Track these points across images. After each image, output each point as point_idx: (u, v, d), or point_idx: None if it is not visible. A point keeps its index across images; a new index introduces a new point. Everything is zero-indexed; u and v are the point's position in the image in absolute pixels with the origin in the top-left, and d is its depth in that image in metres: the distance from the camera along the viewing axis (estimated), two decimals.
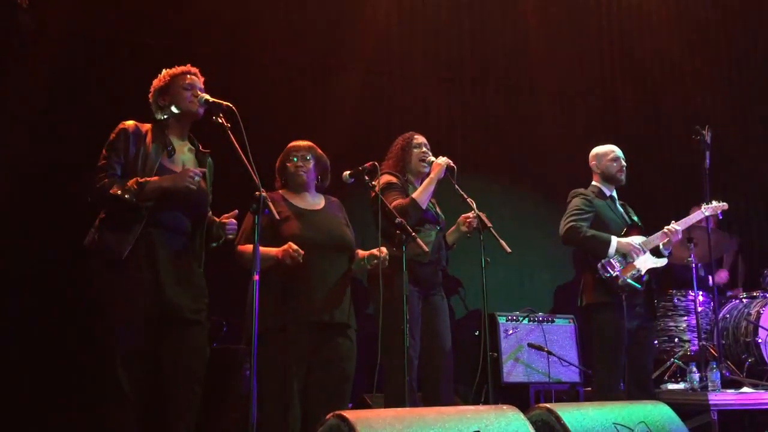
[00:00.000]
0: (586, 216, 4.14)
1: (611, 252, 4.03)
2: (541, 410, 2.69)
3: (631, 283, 4.00)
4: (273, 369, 3.13)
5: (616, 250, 4.04)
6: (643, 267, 4.07)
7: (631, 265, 4.05)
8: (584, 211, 4.16)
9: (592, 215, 4.16)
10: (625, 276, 4.01)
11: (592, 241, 4.06)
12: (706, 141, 4.67)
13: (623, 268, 4.04)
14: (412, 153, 3.94)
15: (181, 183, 2.92)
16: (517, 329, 5.52)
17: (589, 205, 4.19)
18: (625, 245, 4.05)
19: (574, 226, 4.09)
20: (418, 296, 3.74)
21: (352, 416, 2.07)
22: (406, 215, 3.52)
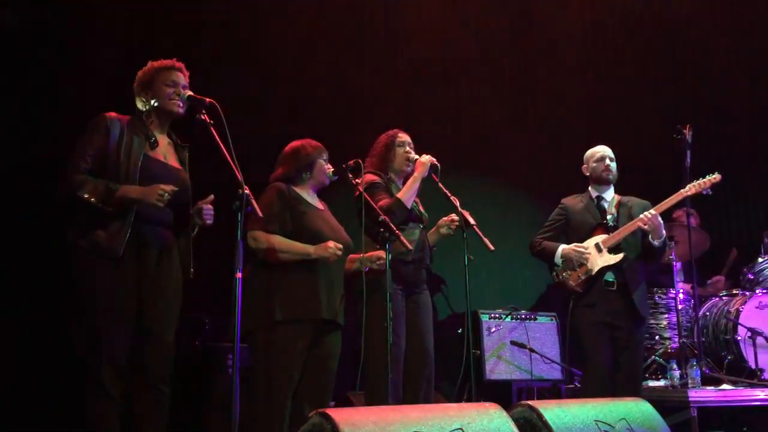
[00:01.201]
0: (553, 226, 4.38)
1: (557, 260, 4.22)
2: (523, 408, 2.70)
3: (576, 288, 4.12)
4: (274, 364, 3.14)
5: (561, 257, 4.20)
6: (595, 266, 4.10)
7: (584, 267, 4.13)
8: (551, 223, 4.41)
9: (562, 223, 4.36)
10: (573, 280, 4.13)
11: (543, 254, 4.33)
12: (687, 140, 4.71)
13: (573, 273, 4.15)
14: (396, 151, 3.93)
15: (149, 198, 2.86)
16: (500, 327, 5.54)
17: (559, 214, 4.40)
18: (568, 252, 4.17)
19: (533, 241, 4.41)
20: (401, 294, 3.74)
21: (335, 414, 2.07)
22: (391, 214, 3.52)
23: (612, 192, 4.37)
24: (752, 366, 4.86)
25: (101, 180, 2.88)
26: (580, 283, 4.13)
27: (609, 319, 4.07)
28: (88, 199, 2.82)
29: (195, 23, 5.25)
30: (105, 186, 2.85)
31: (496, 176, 6.61)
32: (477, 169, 6.40)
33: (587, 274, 4.13)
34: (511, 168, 6.56)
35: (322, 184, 3.54)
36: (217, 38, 5.33)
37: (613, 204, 4.33)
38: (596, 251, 4.14)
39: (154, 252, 2.98)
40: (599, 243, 4.15)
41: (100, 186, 2.85)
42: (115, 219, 2.87)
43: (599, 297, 4.09)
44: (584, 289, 4.12)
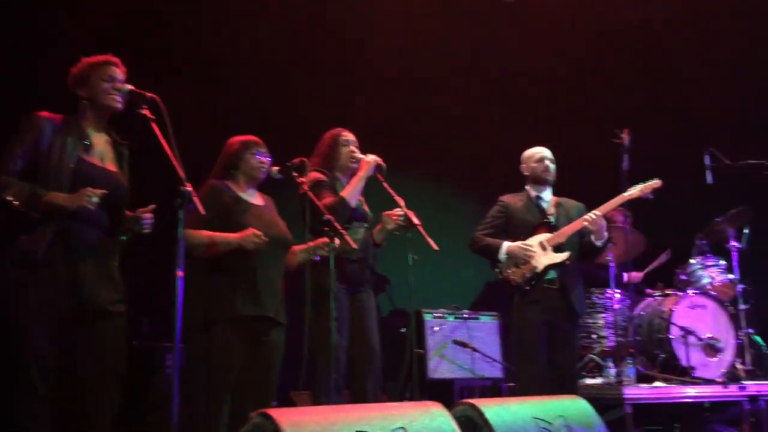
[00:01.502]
0: (493, 224, 4.39)
1: (501, 257, 4.23)
2: (465, 406, 2.73)
3: (520, 284, 4.17)
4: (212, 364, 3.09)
5: (506, 254, 4.21)
6: (540, 264, 4.18)
7: (528, 265, 4.18)
8: (491, 219, 4.42)
9: (502, 221, 4.38)
10: (517, 277, 4.16)
11: (486, 250, 4.33)
12: (625, 144, 4.83)
13: (517, 269, 4.19)
14: (341, 150, 3.91)
15: (77, 203, 2.77)
16: (443, 326, 5.59)
17: (500, 212, 4.41)
18: (514, 250, 4.20)
19: (474, 237, 4.41)
20: (345, 294, 3.73)
21: (276, 414, 2.05)
22: (335, 213, 3.51)
23: (550, 193, 4.45)
24: (684, 364, 5.02)
25: (27, 184, 2.77)
26: (525, 281, 4.18)
27: (549, 318, 4.15)
28: (11, 202, 2.71)
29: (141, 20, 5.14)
30: (30, 190, 2.74)
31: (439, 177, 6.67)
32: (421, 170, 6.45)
33: (532, 272, 4.18)
34: (453, 168, 6.63)
35: (255, 179, 3.48)
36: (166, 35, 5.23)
37: (551, 204, 4.42)
38: (541, 249, 4.21)
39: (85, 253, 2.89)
40: (543, 242, 4.22)
41: (26, 190, 2.74)
42: (40, 222, 2.78)
43: (541, 295, 4.16)
44: (529, 287, 4.17)
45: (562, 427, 2.79)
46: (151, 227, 3.01)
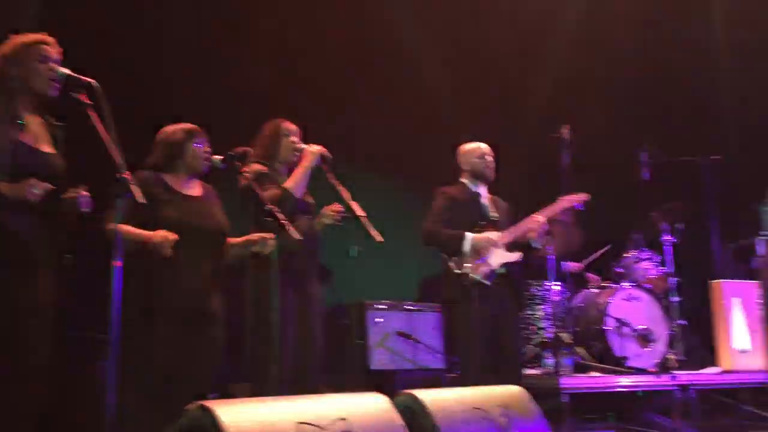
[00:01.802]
0: (445, 216, 4.32)
1: (466, 248, 4.19)
2: (406, 396, 2.75)
3: (479, 280, 4.17)
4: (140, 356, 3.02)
5: (471, 246, 4.20)
6: (495, 262, 4.23)
7: (484, 261, 4.22)
8: (443, 210, 4.34)
9: (451, 213, 4.33)
10: (474, 272, 4.17)
11: (447, 241, 4.25)
12: (564, 139, 4.93)
13: (474, 265, 4.20)
14: (282, 141, 3.86)
15: (20, 194, 2.68)
16: (385, 318, 5.61)
17: (449, 204, 4.36)
18: (479, 239, 4.21)
19: (430, 230, 4.30)
20: (289, 285, 3.70)
21: (215, 406, 2.02)
22: (279, 205, 3.47)
23: (486, 189, 4.49)
24: (618, 354, 5.16)
25: None
26: (483, 277, 4.21)
27: (496, 311, 4.20)
28: None
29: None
30: None
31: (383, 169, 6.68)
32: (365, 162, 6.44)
33: (489, 269, 4.23)
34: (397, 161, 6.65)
35: (196, 170, 3.39)
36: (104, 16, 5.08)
37: (489, 201, 4.46)
38: (495, 247, 4.26)
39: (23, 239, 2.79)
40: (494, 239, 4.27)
41: None
42: None
43: (489, 289, 4.20)
44: (481, 284, 4.19)
45: (501, 417, 2.84)
46: (89, 206, 2.91)
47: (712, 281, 5.47)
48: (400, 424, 2.38)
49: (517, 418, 2.89)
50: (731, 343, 5.21)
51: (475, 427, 2.71)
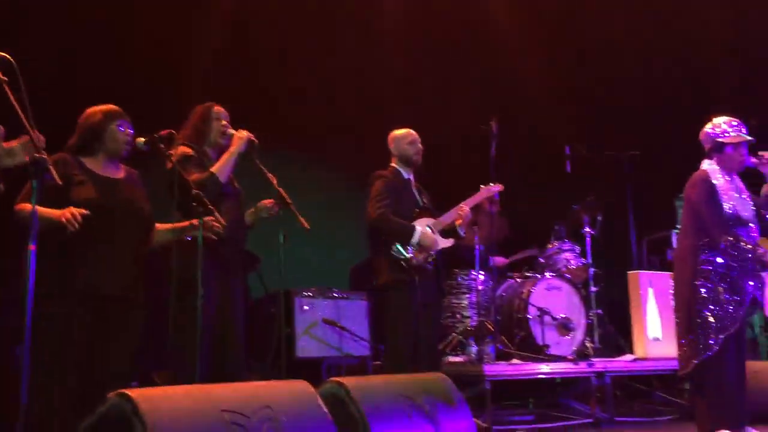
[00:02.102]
0: (389, 200, 4.29)
1: (414, 241, 4.21)
2: (331, 384, 2.75)
3: (422, 264, 4.20)
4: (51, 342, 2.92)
5: (421, 239, 4.22)
6: (435, 249, 4.28)
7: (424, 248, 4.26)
8: (387, 195, 4.30)
9: (393, 197, 4.31)
10: (418, 258, 4.21)
11: (398, 230, 4.23)
12: (492, 131, 5.01)
13: (416, 251, 4.23)
14: (212, 124, 3.78)
15: None
16: (312, 305, 5.60)
17: (390, 188, 4.34)
18: (426, 237, 4.23)
19: (382, 213, 4.23)
20: (215, 271, 3.64)
21: (136, 394, 1.98)
22: (204, 189, 3.40)
23: (413, 176, 4.53)
24: (539, 342, 5.31)
25: None
26: (425, 262, 4.21)
27: (424, 298, 4.23)
28: None
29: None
30: None
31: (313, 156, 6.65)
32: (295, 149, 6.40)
33: (430, 255, 4.26)
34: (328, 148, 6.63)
35: (117, 153, 3.29)
36: None
37: (416, 187, 4.51)
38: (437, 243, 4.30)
39: None
40: (431, 226, 4.31)
41: None
42: None
43: (419, 277, 4.23)
44: (418, 269, 4.20)
45: (425, 404, 2.88)
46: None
47: (629, 272, 5.67)
48: (325, 411, 2.39)
49: (441, 405, 2.94)
50: (645, 332, 5.42)
51: (400, 413, 2.75)
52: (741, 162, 3.84)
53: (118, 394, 2.00)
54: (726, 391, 3.70)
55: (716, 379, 3.68)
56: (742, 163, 3.84)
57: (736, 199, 3.79)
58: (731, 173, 3.88)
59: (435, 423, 2.84)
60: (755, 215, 3.87)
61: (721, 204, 3.74)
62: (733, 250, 3.68)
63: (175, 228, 3.31)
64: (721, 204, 3.74)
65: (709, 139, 3.91)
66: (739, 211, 3.77)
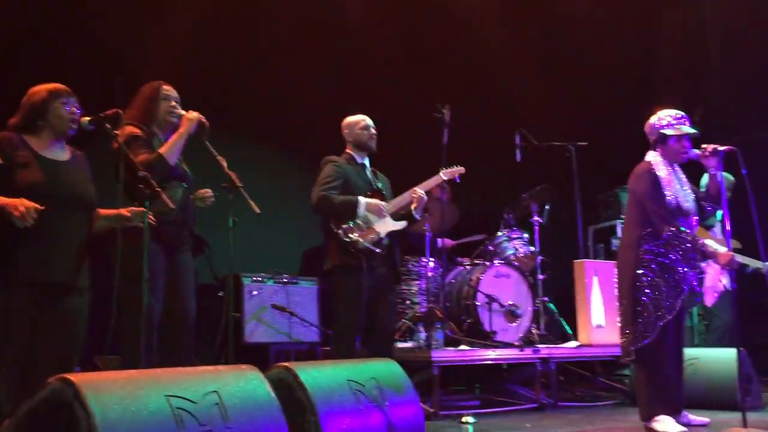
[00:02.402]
0: (336, 183, 4.27)
1: (360, 212, 4.21)
2: (279, 369, 2.75)
3: (369, 247, 4.20)
4: None
5: (366, 209, 4.22)
6: (383, 230, 4.28)
7: (371, 229, 4.25)
8: (334, 178, 4.29)
9: (342, 181, 4.30)
10: (364, 240, 4.20)
11: (342, 206, 4.22)
12: (445, 118, 5.04)
13: (363, 233, 4.22)
14: (161, 104, 3.70)
15: None
16: (261, 290, 5.56)
17: (338, 171, 4.32)
18: (372, 204, 4.25)
19: (324, 195, 4.22)
20: (162, 255, 3.57)
21: (77, 379, 1.93)
22: (152, 171, 3.33)
23: (368, 161, 4.53)
24: (487, 329, 5.38)
25: None
26: (372, 244, 4.22)
27: (376, 283, 4.24)
28: None
29: None
30: None
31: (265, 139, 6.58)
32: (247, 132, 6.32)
33: (377, 237, 4.25)
34: (281, 132, 6.56)
35: (63, 132, 3.20)
36: None
37: (371, 173, 4.51)
38: (385, 210, 4.30)
39: None
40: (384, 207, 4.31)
41: None
42: None
43: (370, 260, 4.24)
44: (370, 252, 4.21)
45: (373, 389, 2.90)
46: None
47: (575, 261, 5.78)
48: (273, 397, 2.37)
49: (389, 390, 2.96)
50: (589, 319, 5.54)
51: (349, 399, 2.75)
52: (684, 154, 3.94)
53: (59, 379, 1.95)
54: (665, 378, 3.82)
55: (656, 366, 3.79)
56: (684, 155, 3.94)
57: (678, 191, 3.90)
58: (674, 165, 3.98)
59: (383, 408, 2.86)
60: (696, 206, 3.98)
61: (664, 195, 3.84)
62: (674, 240, 3.78)
63: (117, 215, 3.22)
64: (664, 195, 3.84)
65: (654, 130, 4.00)
66: (681, 202, 3.88)
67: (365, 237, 4.21)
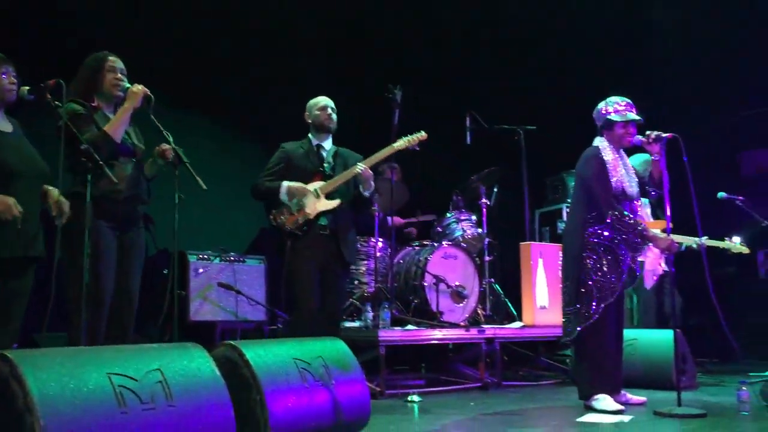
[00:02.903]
0: (274, 170, 4.38)
1: (282, 196, 4.26)
2: (225, 347, 2.72)
3: (295, 231, 4.21)
4: None
5: (288, 193, 4.26)
6: (313, 211, 4.27)
7: (301, 211, 4.26)
8: (273, 165, 4.41)
9: (283, 167, 4.38)
10: (290, 224, 4.22)
11: (267, 192, 4.33)
12: (396, 99, 5.03)
13: (291, 216, 4.23)
14: (106, 76, 3.59)
15: None
16: (207, 268, 5.50)
17: (280, 158, 4.42)
18: (295, 187, 4.27)
19: (255, 183, 4.38)
20: (112, 232, 3.49)
21: (15, 356, 1.88)
22: (97, 148, 3.25)
23: (330, 142, 4.52)
24: (434, 309, 5.43)
25: None
26: (298, 226, 4.22)
27: (321, 263, 4.23)
28: None
29: None
30: None
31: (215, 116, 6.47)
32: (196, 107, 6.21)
33: (305, 218, 4.24)
34: (232, 109, 6.47)
35: (1, 101, 3.10)
36: None
37: (331, 153, 4.49)
38: (314, 197, 4.27)
39: None
40: (317, 189, 4.29)
41: None
42: None
43: (313, 241, 4.23)
44: (301, 233, 4.22)
45: (320, 367, 2.90)
46: None
47: (521, 243, 5.87)
48: (218, 375, 2.35)
49: (336, 369, 2.96)
50: (534, 301, 5.64)
51: (295, 377, 2.75)
52: (628, 140, 4.03)
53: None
54: (604, 358, 3.92)
55: (596, 346, 3.89)
56: (629, 141, 4.03)
57: (623, 176, 3.99)
58: (620, 150, 4.07)
59: (329, 386, 2.87)
60: (640, 191, 4.09)
61: (610, 179, 3.92)
62: (618, 224, 3.87)
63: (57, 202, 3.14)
64: (610, 179, 3.92)
65: (601, 116, 4.08)
66: (625, 187, 3.97)
67: (291, 220, 4.24)
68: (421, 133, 4.53)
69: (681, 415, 3.59)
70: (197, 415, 2.19)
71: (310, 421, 2.75)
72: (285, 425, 2.61)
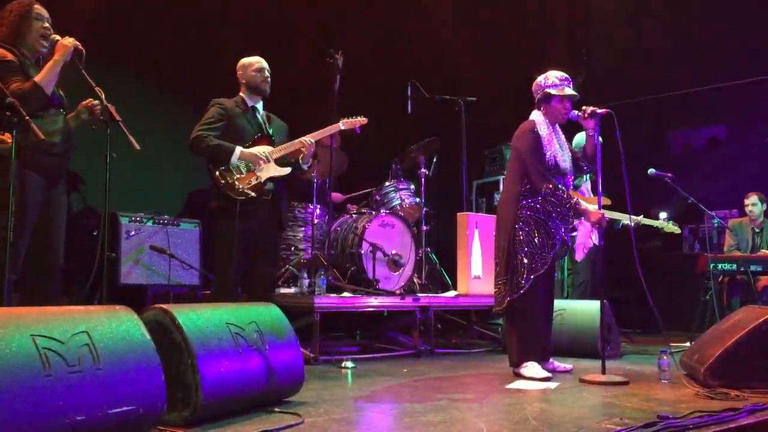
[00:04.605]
0: (217, 125, 4.20)
1: (234, 160, 4.13)
2: (155, 311, 2.68)
3: (246, 191, 4.13)
4: None
5: (239, 158, 4.14)
6: (264, 175, 4.21)
7: (252, 173, 4.18)
8: (215, 120, 4.22)
9: (224, 124, 4.22)
10: (242, 184, 4.14)
11: (216, 150, 4.14)
12: (338, 65, 4.97)
13: (241, 177, 4.15)
14: (32, 25, 3.42)
15: None
16: (140, 231, 5.37)
17: (222, 114, 4.24)
18: (248, 155, 4.17)
19: (199, 135, 4.16)
20: (40, 187, 3.35)
21: None
22: (27, 100, 3.11)
23: (262, 105, 4.43)
24: (370, 277, 5.46)
25: None
26: (249, 188, 4.13)
27: (257, 228, 4.18)
28: None
29: None
30: None
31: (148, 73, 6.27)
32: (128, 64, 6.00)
33: (257, 181, 4.16)
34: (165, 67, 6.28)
35: None
36: None
37: (264, 117, 4.42)
38: (264, 161, 4.20)
39: None
40: (268, 154, 4.22)
41: None
42: None
43: (255, 205, 4.16)
44: (251, 195, 4.14)
45: (253, 332, 2.89)
46: None
47: (458, 213, 5.93)
48: (147, 339, 2.31)
49: (270, 335, 2.95)
50: (469, 271, 5.73)
51: (228, 342, 2.73)
52: (564, 115, 4.09)
53: None
54: (534, 327, 4.03)
55: (526, 316, 3.99)
56: (565, 115, 4.10)
57: (557, 150, 4.06)
58: (555, 125, 4.13)
59: (263, 351, 2.86)
60: (572, 166, 4.17)
61: (544, 153, 3.99)
62: (551, 197, 3.95)
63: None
64: (544, 153, 3.99)
65: (540, 89, 4.13)
66: (559, 161, 4.04)
67: (242, 181, 4.15)
68: (362, 118, 4.60)
69: (604, 382, 3.72)
70: (126, 379, 2.15)
71: (242, 385, 2.74)
72: (217, 390, 2.59)
